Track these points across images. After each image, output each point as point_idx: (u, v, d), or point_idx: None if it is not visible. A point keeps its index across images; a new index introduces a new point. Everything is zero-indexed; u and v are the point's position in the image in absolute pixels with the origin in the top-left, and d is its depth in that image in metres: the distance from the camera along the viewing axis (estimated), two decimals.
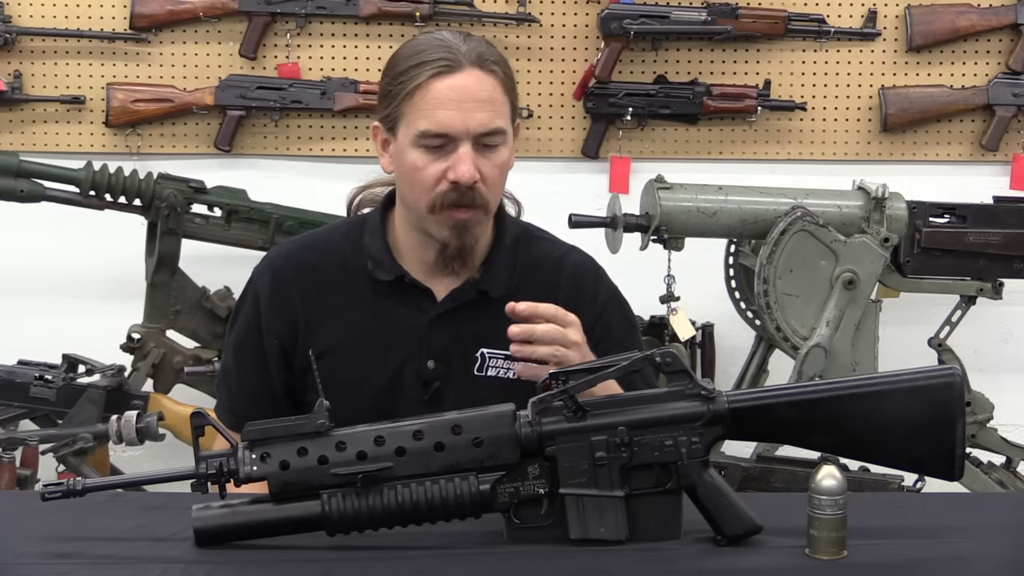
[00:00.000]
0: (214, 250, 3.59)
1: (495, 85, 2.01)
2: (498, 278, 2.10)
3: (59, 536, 1.73)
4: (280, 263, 2.16)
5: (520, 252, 2.14)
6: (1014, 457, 3.59)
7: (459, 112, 1.98)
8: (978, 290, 3.48)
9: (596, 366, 1.72)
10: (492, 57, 2.03)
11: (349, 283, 2.12)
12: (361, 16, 3.83)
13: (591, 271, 2.18)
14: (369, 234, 2.13)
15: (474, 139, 1.99)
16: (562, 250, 2.19)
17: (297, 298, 2.12)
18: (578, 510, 1.69)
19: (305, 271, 2.14)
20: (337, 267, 2.13)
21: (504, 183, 2.08)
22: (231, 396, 2.17)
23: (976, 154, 3.97)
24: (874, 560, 1.65)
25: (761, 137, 3.97)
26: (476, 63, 2.00)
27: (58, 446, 3.31)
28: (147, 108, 3.83)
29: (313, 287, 2.13)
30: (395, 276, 2.10)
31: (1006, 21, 3.91)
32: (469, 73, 1.99)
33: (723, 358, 3.73)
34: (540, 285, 2.12)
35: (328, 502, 1.67)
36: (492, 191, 2.03)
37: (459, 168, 1.98)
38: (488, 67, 2.01)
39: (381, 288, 2.10)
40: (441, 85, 1.99)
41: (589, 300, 2.13)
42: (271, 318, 2.13)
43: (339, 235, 2.18)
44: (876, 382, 1.74)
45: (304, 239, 2.25)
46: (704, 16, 3.83)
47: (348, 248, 2.14)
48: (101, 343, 3.51)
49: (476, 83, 1.99)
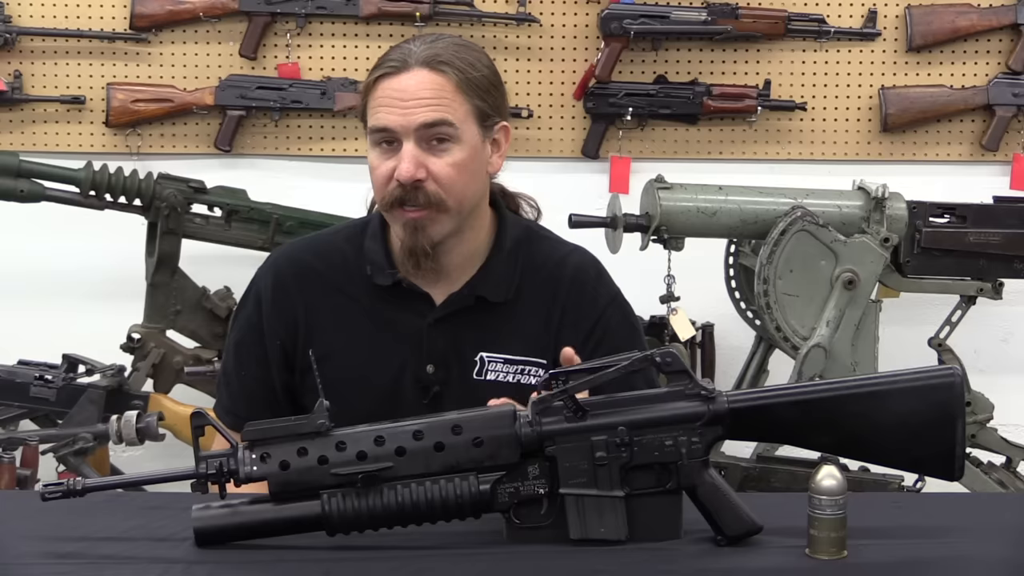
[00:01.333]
0: (214, 250, 3.59)
1: (443, 83, 2.03)
2: (496, 283, 2.11)
3: (59, 536, 1.73)
4: (282, 264, 2.17)
5: (522, 254, 2.15)
6: (1014, 457, 3.58)
7: (400, 109, 2.02)
8: (978, 290, 3.48)
9: (596, 366, 1.72)
10: (446, 58, 2.05)
11: (349, 287, 2.13)
12: (361, 16, 3.83)
13: (593, 272, 2.18)
14: (370, 238, 2.15)
15: (418, 136, 2.02)
16: (564, 251, 2.19)
17: (298, 300, 2.13)
18: (578, 510, 1.69)
19: (307, 273, 2.14)
20: (338, 270, 2.14)
21: (466, 184, 2.06)
22: (231, 397, 2.17)
23: (976, 154, 3.97)
24: (874, 560, 1.65)
25: (761, 137, 3.97)
26: (424, 63, 2.04)
27: (58, 446, 3.31)
28: (147, 108, 3.83)
29: (314, 290, 2.13)
30: (393, 281, 2.11)
31: (1006, 21, 3.91)
32: (414, 73, 2.03)
33: (723, 358, 3.73)
34: (542, 286, 2.13)
35: (328, 502, 1.67)
36: (447, 190, 2.03)
37: (400, 166, 2.02)
38: (436, 67, 2.04)
39: (380, 292, 2.11)
40: (386, 85, 2.04)
41: (589, 301, 2.13)
42: (273, 319, 2.13)
43: (341, 238, 2.19)
44: (876, 382, 1.74)
45: (307, 241, 2.26)
46: (704, 16, 3.83)
47: (349, 251, 2.15)
48: (101, 343, 3.51)
49: (419, 81, 2.03)
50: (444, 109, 2.02)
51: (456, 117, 2.03)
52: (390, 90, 2.03)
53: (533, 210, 2.24)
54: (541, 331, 2.11)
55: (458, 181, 2.04)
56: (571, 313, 2.12)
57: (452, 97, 2.03)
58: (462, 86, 2.04)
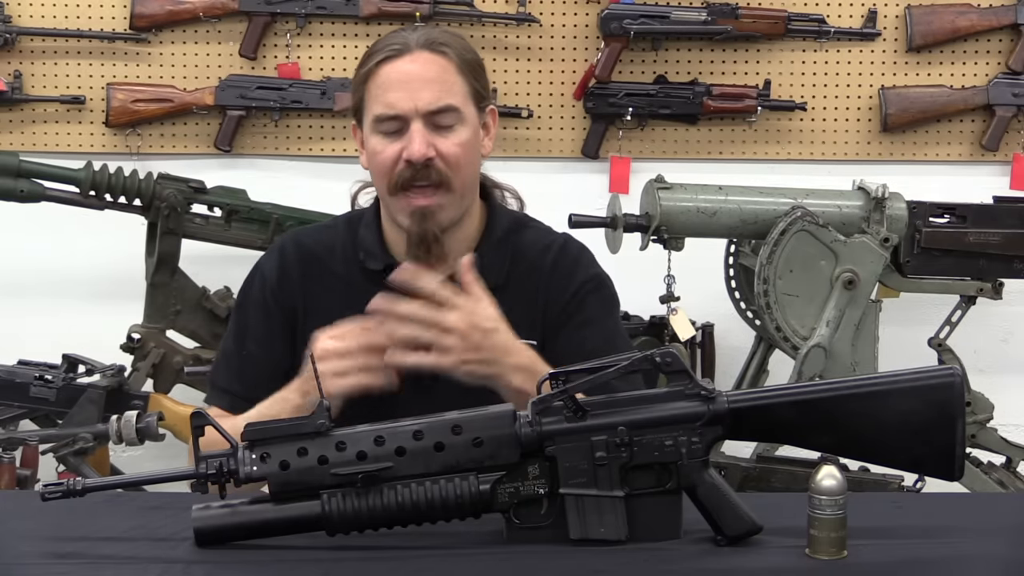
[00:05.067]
0: (214, 250, 3.59)
1: (446, 65, 2.07)
2: (487, 270, 2.11)
3: (59, 536, 1.73)
4: (287, 248, 2.23)
5: (511, 242, 2.18)
6: (1014, 457, 3.58)
7: (406, 92, 2.04)
8: (978, 290, 3.48)
9: (596, 366, 1.72)
10: (444, 40, 2.08)
11: (345, 273, 2.18)
12: (361, 16, 3.83)
13: (575, 252, 2.22)
14: (364, 225, 2.20)
15: (425, 118, 2.04)
16: (551, 237, 2.23)
17: (299, 284, 2.18)
18: (578, 510, 1.69)
19: (308, 258, 2.20)
20: (336, 256, 2.19)
21: (470, 164, 2.10)
22: (230, 375, 2.20)
23: (976, 154, 3.97)
24: (874, 560, 1.65)
25: (761, 137, 3.97)
26: (424, 46, 2.06)
27: (58, 446, 3.30)
28: (147, 108, 3.83)
29: (313, 275, 2.18)
30: (385, 265, 2.13)
31: (1006, 21, 3.91)
32: (417, 55, 2.06)
33: (723, 358, 3.73)
34: (529, 272, 2.17)
35: (328, 502, 1.67)
36: (454, 170, 2.07)
37: (411, 146, 2.04)
38: (437, 49, 2.07)
39: (374, 278, 2.13)
40: (389, 69, 2.06)
41: (567, 276, 2.17)
42: (278, 297, 2.18)
43: (340, 226, 2.24)
44: (876, 382, 1.74)
45: (310, 228, 2.34)
46: (704, 16, 3.83)
47: (347, 238, 2.20)
48: (101, 343, 3.51)
49: (423, 63, 2.06)
50: (449, 92, 2.06)
51: (459, 99, 2.07)
52: (395, 73, 2.06)
53: (516, 201, 2.27)
54: (528, 313, 2.13)
55: (464, 161, 2.08)
56: (552, 291, 2.17)
57: (454, 78, 2.07)
58: (462, 67, 2.09)
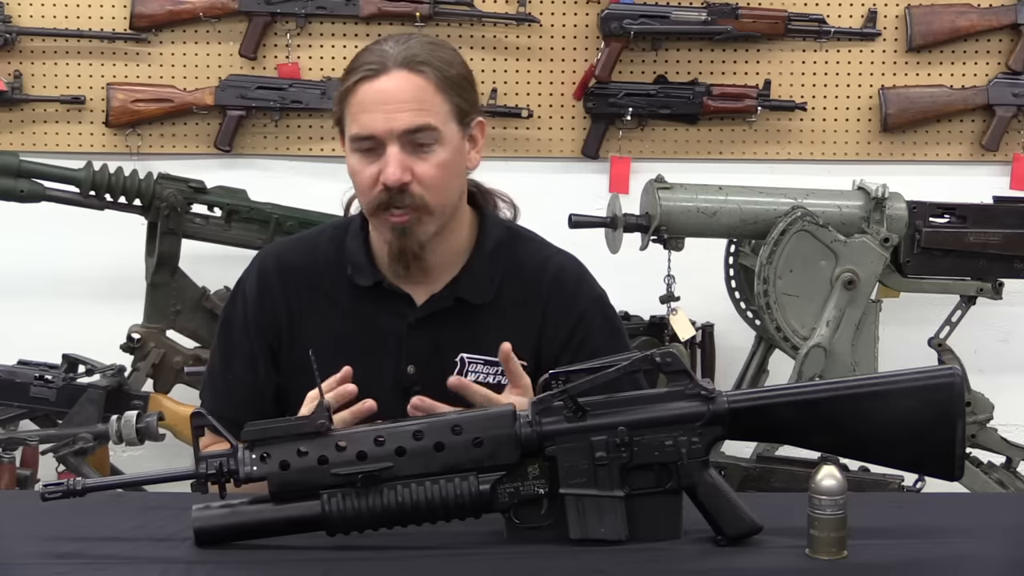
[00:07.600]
0: (214, 250, 3.59)
1: (423, 85, 2.01)
2: (476, 284, 2.11)
3: (59, 536, 1.73)
4: (267, 263, 2.18)
5: (504, 256, 2.14)
6: (1014, 457, 3.58)
7: (382, 114, 2.00)
8: (978, 290, 3.48)
9: (596, 366, 1.72)
10: (423, 58, 2.02)
11: (331, 286, 2.14)
12: (361, 16, 3.83)
13: (574, 275, 2.17)
14: (351, 237, 2.15)
15: (402, 140, 2.00)
16: (546, 253, 2.19)
17: (281, 299, 2.14)
18: (578, 510, 1.69)
19: (290, 272, 2.15)
20: (321, 270, 2.15)
21: (449, 184, 2.06)
22: (216, 397, 2.17)
23: (976, 154, 3.97)
24: (874, 560, 1.65)
25: (761, 137, 3.97)
26: (403, 64, 2.01)
27: (58, 446, 3.30)
28: (147, 108, 3.83)
29: (296, 289, 2.14)
30: (374, 281, 2.11)
31: (1006, 21, 3.91)
32: (394, 75, 2.01)
33: (723, 358, 3.73)
34: (523, 288, 2.13)
35: (328, 502, 1.67)
36: (432, 192, 2.03)
37: (386, 170, 2.00)
38: (416, 68, 2.02)
39: (361, 293, 2.11)
40: (367, 89, 2.01)
41: (571, 302, 2.13)
42: (258, 318, 2.15)
43: (325, 237, 2.19)
44: (876, 382, 1.74)
45: (292, 240, 2.28)
46: (704, 16, 3.83)
47: (332, 251, 2.16)
48: (101, 343, 3.51)
49: (399, 84, 2.01)
50: (426, 112, 2.01)
51: (438, 119, 2.02)
52: (372, 93, 2.01)
53: (509, 207, 2.23)
54: (522, 333, 2.09)
55: (442, 182, 2.04)
56: (552, 315, 2.12)
57: (432, 98, 2.02)
58: (441, 86, 2.03)
